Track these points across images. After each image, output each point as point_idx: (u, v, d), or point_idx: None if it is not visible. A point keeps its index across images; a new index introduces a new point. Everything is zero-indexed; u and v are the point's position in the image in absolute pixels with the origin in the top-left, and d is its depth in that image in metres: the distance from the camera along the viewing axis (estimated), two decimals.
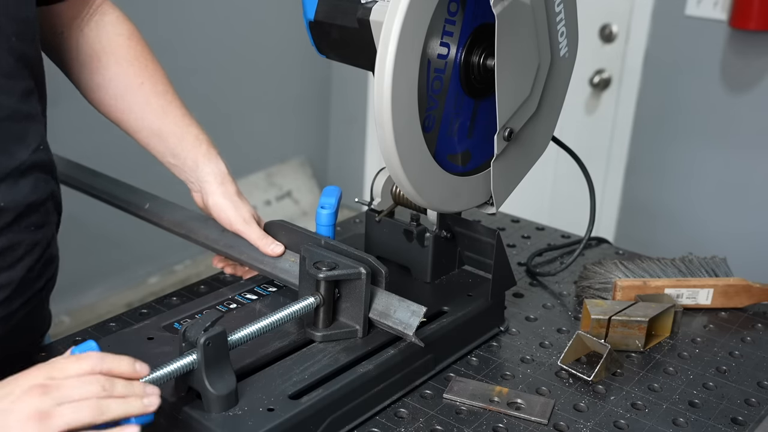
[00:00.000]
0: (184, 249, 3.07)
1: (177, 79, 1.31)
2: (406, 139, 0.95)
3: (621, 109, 2.72)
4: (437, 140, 1.01)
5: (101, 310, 2.83)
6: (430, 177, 1.01)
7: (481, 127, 1.07)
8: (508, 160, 1.07)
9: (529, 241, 1.49)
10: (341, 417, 0.93)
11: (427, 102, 0.97)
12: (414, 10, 0.90)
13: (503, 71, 0.98)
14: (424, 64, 0.94)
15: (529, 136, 1.09)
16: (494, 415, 0.98)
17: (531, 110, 1.06)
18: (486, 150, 1.08)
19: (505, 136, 1.04)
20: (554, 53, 1.06)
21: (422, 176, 1.00)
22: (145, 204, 1.24)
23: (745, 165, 2.53)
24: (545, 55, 1.04)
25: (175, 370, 0.84)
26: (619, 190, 2.78)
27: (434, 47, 0.95)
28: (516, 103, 1.03)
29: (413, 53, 0.92)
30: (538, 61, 1.03)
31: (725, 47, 2.47)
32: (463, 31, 0.98)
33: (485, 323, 1.14)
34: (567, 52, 1.08)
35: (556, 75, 1.08)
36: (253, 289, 1.13)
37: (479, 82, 1.02)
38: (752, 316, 1.24)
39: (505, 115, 1.02)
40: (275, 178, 3.51)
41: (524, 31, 0.99)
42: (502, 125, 1.02)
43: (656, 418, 0.99)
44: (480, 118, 1.06)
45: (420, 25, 0.92)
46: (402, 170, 0.97)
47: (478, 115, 1.06)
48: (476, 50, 1.00)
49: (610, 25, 2.67)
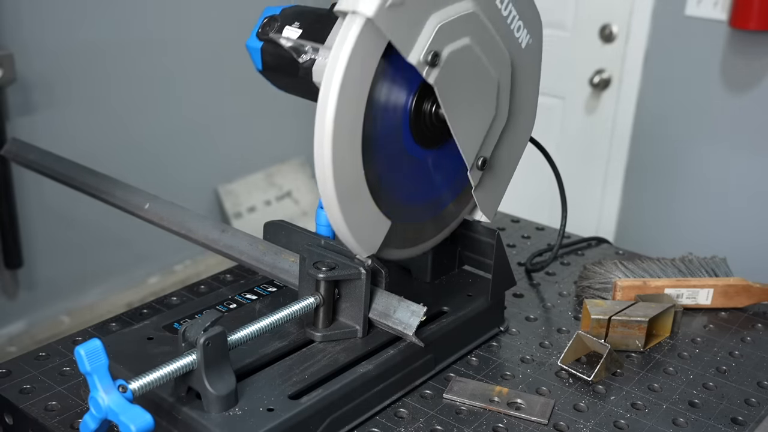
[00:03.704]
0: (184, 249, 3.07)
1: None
2: (351, 197, 0.90)
3: (621, 109, 2.72)
4: (389, 195, 0.96)
5: (101, 310, 2.83)
6: (378, 231, 0.95)
7: (442, 174, 1.03)
8: (488, 180, 1.06)
9: (529, 241, 1.49)
10: (341, 417, 0.93)
11: (374, 157, 0.92)
12: (352, 73, 0.84)
13: (458, 119, 0.95)
14: (371, 118, 0.89)
15: (507, 145, 1.07)
16: (494, 415, 0.98)
17: (501, 125, 1.03)
18: (453, 190, 1.05)
19: (479, 166, 1.01)
20: (515, 51, 1.02)
21: (373, 235, 0.95)
22: (145, 204, 1.24)
23: (745, 165, 2.53)
24: (503, 65, 1.01)
25: (174, 370, 0.84)
26: (619, 190, 2.78)
27: (380, 99, 0.90)
28: (481, 133, 1.00)
29: (356, 110, 0.87)
30: (497, 77, 1.00)
31: (725, 47, 2.47)
32: (413, 80, 0.93)
33: (485, 323, 1.14)
34: (530, 39, 1.04)
35: (522, 69, 1.05)
36: (253, 289, 1.13)
37: (432, 132, 0.98)
38: (752, 316, 1.24)
39: (471, 153, 0.99)
40: (275, 178, 3.52)
41: (472, 66, 0.95)
42: (472, 162, 1.00)
43: (656, 418, 0.99)
44: (440, 165, 1.02)
45: (363, 81, 0.86)
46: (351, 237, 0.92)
47: (436, 162, 1.01)
48: (427, 100, 0.95)
49: (610, 25, 2.67)
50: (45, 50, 2.58)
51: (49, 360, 1.05)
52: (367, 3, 0.83)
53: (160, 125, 2.98)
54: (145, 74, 2.88)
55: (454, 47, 0.92)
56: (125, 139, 2.89)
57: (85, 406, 0.94)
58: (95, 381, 0.78)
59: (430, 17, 0.89)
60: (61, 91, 2.67)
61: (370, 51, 0.86)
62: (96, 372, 0.78)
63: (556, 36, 2.74)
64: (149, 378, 0.82)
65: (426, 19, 0.89)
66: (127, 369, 0.90)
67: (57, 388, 0.99)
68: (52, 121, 2.65)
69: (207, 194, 3.30)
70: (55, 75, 2.64)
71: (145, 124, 2.94)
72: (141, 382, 0.82)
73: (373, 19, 0.83)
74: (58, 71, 2.65)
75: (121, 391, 0.80)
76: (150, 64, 2.88)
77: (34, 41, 2.54)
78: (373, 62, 0.87)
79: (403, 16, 0.86)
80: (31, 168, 1.34)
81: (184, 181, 3.13)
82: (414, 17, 0.88)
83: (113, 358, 0.84)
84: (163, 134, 3.01)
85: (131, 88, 2.86)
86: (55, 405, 0.96)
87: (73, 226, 2.77)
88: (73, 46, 2.65)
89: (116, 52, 2.78)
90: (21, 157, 1.36)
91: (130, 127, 2.90)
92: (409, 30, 0.88)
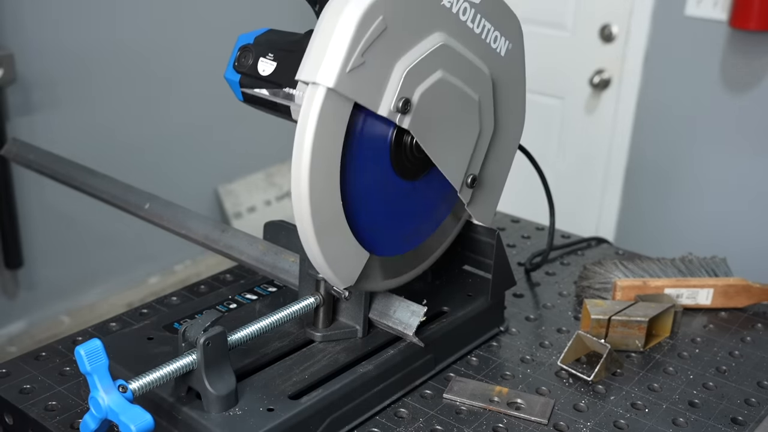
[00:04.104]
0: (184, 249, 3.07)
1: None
2: (328, 231, 0.88)
3: (621, 109, 2.72)
4: (370, 227, 0.94)
5: (101, 310, 2.83)
6: (357, 263, 0.93)
7: (427, 203, 1.01)
8: (480, 194, 1.05)
9: (529, 241, 1.49)
10: (341, 417, 0.93)
11: (354, 192, 0.90)
12: (322, 135, 0.82)
13: (440, 151, 0.93)
14: (349, 159, 0.87)
15: (496, 156, 1.05)
16: (494, 415, 0.98)
17: (488, 139, 1.01)
18: (437, 219, 1.03)
19: (469, 184, 1.00)
20: (495, 62, 0.99)
21: (351, 267, 0.92)
22: (145, 204, 1.24)
23: (744, 165, 2.53)
24: (483, 83, 0.98)
25: (174, 370, 0.84)
26: (619, 190, 2.78)
27: (357, 144, 0.88)
28: (467, 154, 0.98)
29: (331, 158, 0.85)
30: (477, 97, 0.97)
31: (725, 47, 2.47)
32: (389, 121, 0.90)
33: (485, 323, 1.14)
34: (509, 45, 1.01)
35: (505, 76, 1.02)
36: (253, 289, 1.13)
37: (414, 164, 0.96)
38: (752, 316, 1.24)
39: (458, 177, 0.98)
40: (275, 178, 3.51)
41: (448, 96, 0.93)
42: (460, 185, 0.99)
43: (656, 418, 0.99)
44: (426, 194, 1.00)
45: (335, 135, 0.84)
46: (329, 269, 0.90)
47: (421, 191, 0.99)
48: (407, 134, 0.92)
49: (610, 25, 2.67)
50: (45, 50, 2.58)
51: (49, 360, 1.05)
52: (326, 73, 0.80)
53: (160, 125, 2.98)
54: (145, 74, 2.88)
55: (425, 86, 0.89)
56: (125, 139, 2.89)
57: (85, 406, 0.94)
58: (95, 381, 0.78)
59: (395, 66, 0.86)
60: (61, 91, 2.67)
61: (339, 112, 0.83)
62: (96, 372, 0.78)
63: (556, 36, 2.74)
64: (149, 378, 0.82)
65: (391, 70, 0.86)
66: (127, 369, 0.90)
67: (57, 388, 0.99)
68: (52, 121, 2.65)
69: (207, 194, 3.30)
70: (55, 75, 2.64)
71: (145, 124, 2.94)
72: (141, 382, 0.82)
73: (335, 89, 0.81)
74: (58, 71, 2.65)
75: (121, 391, 0.80)
76: (150, 63, 2.88)
77: (35, 41, 2.54)
78: (344, 119, 0.84)
79: (366, 75, 0.83)
80: (31, 168, 1.34)
81: (184, 181, 3.13)
82: (378, 72, 0.85)
83: (113, 358, 0.84)
84: (163, 134, 3.01)
85: (131, 88, 2.86)
86: (55, 405, 0.96)
87: (73, 226, 2.77)
88: (73, 46, 2.65)
89: (116, 51, 2.78)
90: (21, 157, 1.36)
91: (130, 127, 2.90)
92: (375, 86, 0.85)
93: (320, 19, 0.83)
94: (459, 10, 0.92)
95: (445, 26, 0.91)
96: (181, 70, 2.96)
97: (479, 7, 0.95)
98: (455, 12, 0.92)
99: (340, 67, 0.81)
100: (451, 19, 0.92)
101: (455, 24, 0.93)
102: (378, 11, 0.82)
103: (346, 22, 0.81)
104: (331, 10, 0.82)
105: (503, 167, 1.09)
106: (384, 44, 0.84)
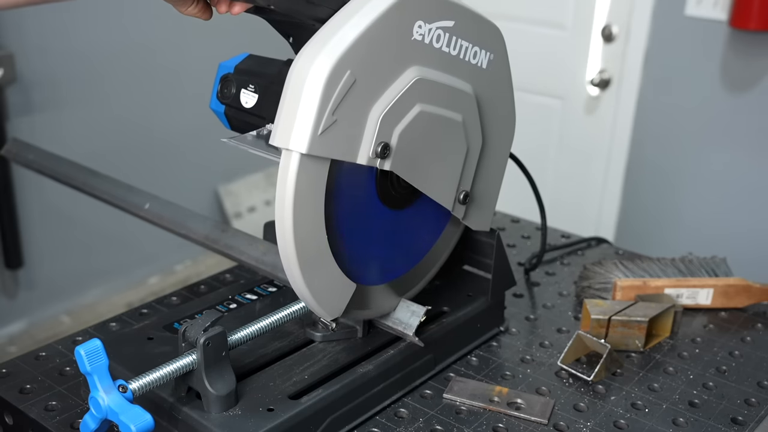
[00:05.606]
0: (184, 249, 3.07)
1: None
2: (314, 265, 0.87)
3: (621, 109, 2.71)
4: (357, 259, 0.94)
5: (101, 310, 2.83)
6: (343, 295, 0.92)
7: (418, 226, 1.01)
8: (475, 208, 1.04)
9: (529, 241, 1.49)
10: (341, 417, 0.93)
11: (339, 229, 0.90)
12: (303, 189, 0.82)
13: (427, 180, 0.92)
14: (335, 197, 0.87)
15: (488, 168, 1.04)
16: (494, 415, 0.98)
17: (477, 153, 0.99)
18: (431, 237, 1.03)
19: (461, 201, 0.99)
20: (477, 77, 0.96)
21: (337, 299, 0.92)
22: (145, 204, 1.24)
23: (744, 165, 2.53)
24: (466, 103, 0.95)
25: (175, 370, 0.84)
26: (619, 190, 2.78)
27: (341, 186, 0.88)
28: (456, 174, 0.97)
29: (314, 206, 0.85)
30: (461, 119, 0.95)
31: (725, 47, 2.47)
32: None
33: (485, 323, 1.14)
34: (490, 55, 0.97)
35: (490, 87, 0.99)
36: (253, 289, 1.13)
37: (402, 194, 0.95)
38: (752, 316, 1.24)
39: (449, 198, 0.97)
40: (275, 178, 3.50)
41: (430, 125, 0.90)
42: (452, 204, 0.98)
43: (656, 418, 0.99)
44: (414, 219, 1.00)
45: (317, 184, 0.84)
46: (314, 302, 0.89)
47: (409, 218, 0.99)
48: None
49: (610, 25, 2.67)
50: (45, 50, 2.58)
51: (49, 360, 1.05)
52: (298, 139, 0.79)
53: (160, 125, 2.98)
54: (145, 74, 2.88)
55: (403, 125, 0.87)
56: (125, 139, 2.89)
57: (85, 406, 0.94)
58: (95, 381, 0.79)
59: (369, 114, 0.84)
60: (61, 91, 2.67)
61: (316, 171, 0.83)
62: (96, 372, 0.78)
63: (556, 36, 2.74)
64: (149, 378, 0.82)
65: (366, 118, 0.84)
66: (127, 369, 0.90)
67: (57, 388, 0.99)
68: (52, 121, 2.65)
69: (207, 194, 3.30)
70: (55, 75, 2.64)
71: (145, 124, 2.94)
72: (141, 382, 0.82)
73: (309, 153, 0.80)
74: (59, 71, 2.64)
75: (121, 391, 0.80)
76: (150, 63, 2.88)
77: (35, 41, 2.54)
78: (322, 175, 0.84)
79: (339, 132, 0.81)
80: (31, 168, 1.34)
81: (184, 181, 3.12)
82: (352, 125, 0.83)
83: (113, 358, 0.84)
84: (163, 134, 3.00)
85: (131, 88, 2.86)
86: (55, 405, 0.96)
87: (73, 226, 2.77)
88: (73, 47, 2.65)
89: (116, 52, 2.78)
90: (21, 157, 1.36)
91: (130, 128, 2.89)
92: (350, 139, 0.83)
93: (287, 80, 0.80)
94: (432, 39, 0.88)
95: (419, 59, 0.88)
96: (180, 71, 2.96)
97: (453, 29, 0.90)
98: (428, 42, 0.88)
99: (311, 132, 0.79)
100: (424, 50, 0.88)
101: (429, 54, 0.89)
102: (345, 66, 0.80)
103: (312, 83, 0.78)
104: (297, 70, 0.80)
105: (496, 177, 1.07)
106: (355, 96, 0.82)
